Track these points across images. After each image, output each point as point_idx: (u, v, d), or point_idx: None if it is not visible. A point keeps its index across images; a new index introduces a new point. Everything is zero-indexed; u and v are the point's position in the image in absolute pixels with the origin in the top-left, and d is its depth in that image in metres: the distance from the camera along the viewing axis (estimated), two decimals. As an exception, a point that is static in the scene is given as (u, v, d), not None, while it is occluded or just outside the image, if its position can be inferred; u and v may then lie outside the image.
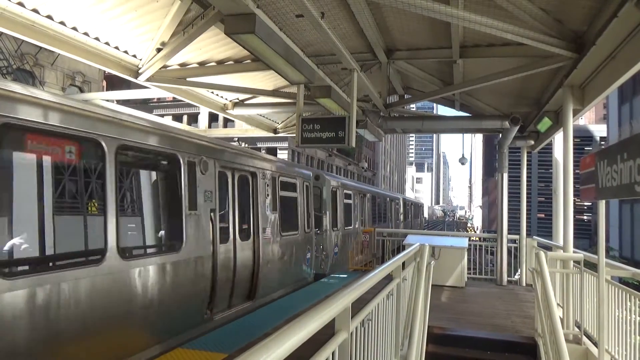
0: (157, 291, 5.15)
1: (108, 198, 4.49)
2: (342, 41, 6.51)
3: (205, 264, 6.12)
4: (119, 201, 4.72)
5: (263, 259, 7.56)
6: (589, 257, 6.33)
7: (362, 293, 2.57)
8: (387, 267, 3.61)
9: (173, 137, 5.80)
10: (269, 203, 8.01)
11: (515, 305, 8.46)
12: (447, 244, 10.25)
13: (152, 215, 6.00)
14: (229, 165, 6.95)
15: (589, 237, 43.55)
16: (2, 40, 20.03)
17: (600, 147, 21.79)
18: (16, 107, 3.76)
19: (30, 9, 5.54)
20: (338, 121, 7.40)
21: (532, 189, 48.25)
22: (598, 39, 5.04)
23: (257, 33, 4.74)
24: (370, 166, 64.37)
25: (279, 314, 6.76)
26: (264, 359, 1.36)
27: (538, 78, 7.80)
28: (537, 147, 10.67)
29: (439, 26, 6.70)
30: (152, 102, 35.04)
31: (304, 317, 1.82)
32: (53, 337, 3.91)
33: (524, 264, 10.65)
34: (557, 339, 4.24)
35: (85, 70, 25.00)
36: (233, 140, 21.17)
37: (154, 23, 6.58)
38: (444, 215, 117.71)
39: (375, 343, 3.18)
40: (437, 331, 6.54)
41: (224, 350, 5.15)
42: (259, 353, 1.37)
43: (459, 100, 10.27)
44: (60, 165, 4.39)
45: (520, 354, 6.18)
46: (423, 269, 4.92)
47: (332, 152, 45.20)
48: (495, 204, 55.64)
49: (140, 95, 9.31)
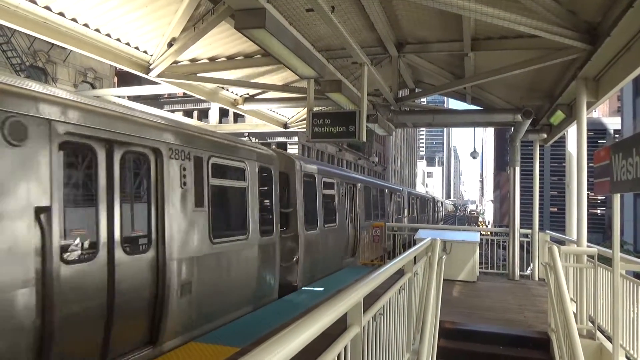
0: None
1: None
2: (352, 35, 6.48)
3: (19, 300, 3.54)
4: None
5: (174, 281, 5.08)
6: (603, 251, 6.26)
7: (374, 287, 2.57)
8: (399, 262, 3.61)
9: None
10: (189, 196, 5.46)
11: (528, 299, 8.40)
12: (458, 239, 10.20)
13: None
14: (97, 134, 4.30)
15: (602, 232, 43.08)
16: (15, 37, 20.26)
17: (615, 140, 21.49)
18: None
19: (42, 6, 5.59)
20: (348, 115, 7.38)
21: (545, 182, 47.84)
22: (613, 30, 4.96)
23: (267, 28, 4.73)
24: (381, 160, 64.21)
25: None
26: (278, 352, 1.37)
27: (551, 70, 7.70)
28: (549, 140, 10.55)
29: (450, 19, 6.63)
30: (162, 98, 35.28)
31: (316, 311, 1.83)
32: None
33: (536, 259, 10.57)
34: (571, 334, 4.21)
35: (97, 66, 25.23)
36: (243, 136, 21.16)
37: (164, 19, 6.61)
38: (455, 210, 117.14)
39: (387, 337, 3.18)
40: (449, 326, 6.52)
41: (237, 344, 5.19)
42: (273, 347, 1.38)
43: (471, 94, 10.18)
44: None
45: (532, 349, 6.14)
46: (434, 264, 4.90)
47: (342, 146, 45.14)
48: (506, 198, 55.19)
49: (152, 91, 9.36)
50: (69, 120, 4.00)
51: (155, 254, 4.95)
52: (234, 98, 10.25)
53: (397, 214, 21.18)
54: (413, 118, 10.56)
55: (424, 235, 9.48)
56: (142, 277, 4.79)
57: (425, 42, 7.90)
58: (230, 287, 6.33)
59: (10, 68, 19.93)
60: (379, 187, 17.92)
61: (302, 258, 8.95)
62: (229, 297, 6.27)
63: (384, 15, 6.70)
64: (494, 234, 12.34)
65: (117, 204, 4.45)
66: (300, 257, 8.91)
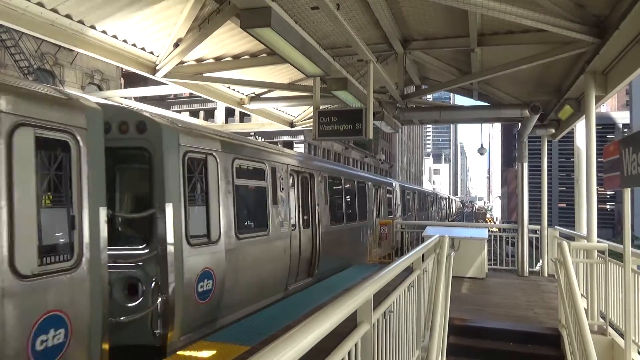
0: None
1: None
2: (357, 32, 6.46)
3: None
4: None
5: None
6: (614, 246, 6.20)
7: (383, 285, 2.57)
8: (408, 259, 3.59)
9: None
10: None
11: (537, 296, 8.35)
12: (466, 235, 10.16)
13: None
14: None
15: (612, 227, 42.77)
16: (23, 40, 20.41)
17: (624, 135, 21.27)
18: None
19: (49, 8, 5.62)
20: (355, 113, 7.37)
21: (553, 178, 47.55)
22: (622, 23, 4.90)
23: (273, 26, 4.73)
24: (387, 158, 64.07)
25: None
26: (288, 351, 1.37)
27: (559, 65, 7.63)
28: (558, 135, 10.47)
29: (456, 14, 6.60)
30: (169, 99, 35.43)
31: (326, 309, 1.83)
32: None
33: (545, 255, 10.51)
34: (582, 330, 4.18)
35: (104, 68, 25.36)
36: (250, 135, 21.18)
37: (170, 19, 6.63)
38: (462, 207, 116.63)
39: (396, 335, 3.17)
40: (458, 322, 6.49)
41: (247, 342, 5.20)
42: (283, 345, 1.37)
43: (477, 90, 10.12)
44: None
45: (543, 345, 6.10)
46: (443, 261, 4.88)
47: (348, 144, 45.09)
48: (514, 194, 54.93)
49: (158, 91, 9.40)
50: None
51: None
52: (240, 97, 10.26)
53: (389, 214, 16.69)
54: (419, 115, 10.52)
55: (432, 232, 9.45)
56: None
57: (431, 39, 7.86)
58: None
59: (19, 71, 20.09)
60: (360, 179, 13.25)
61: (187, 293, 5.50)
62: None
63: (389, 12, 6.68)
64: (502, 230, 12.28)
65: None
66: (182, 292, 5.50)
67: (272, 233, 7.42)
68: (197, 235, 5.53)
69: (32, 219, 3.45)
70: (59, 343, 3.58)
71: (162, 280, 4.97)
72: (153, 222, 5.04)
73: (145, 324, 4.91)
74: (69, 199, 3.79)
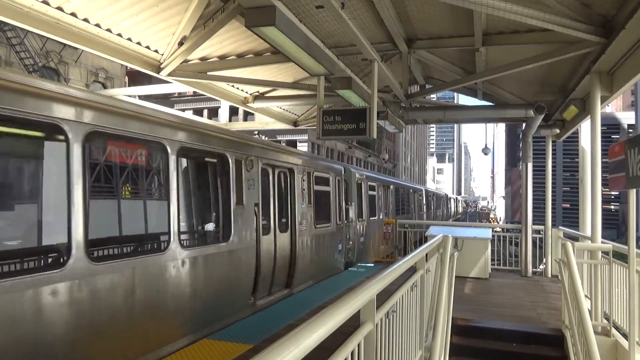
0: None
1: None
2: (362, 31, 6.46)
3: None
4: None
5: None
6: (618, 247, 6.18)
7: (386, 285, 2.56)
8: (411, 259, 3.59)
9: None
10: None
11: (541, 296, 8.33)
12: (470, 235, 10.14)
13: None
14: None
15: (616, 227, 42.57)
16: (28, 39, 20.49)
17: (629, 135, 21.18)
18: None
19: (54, 7, 5.64)
20: (359, 113, 7.35)
21: (557, 178, 47.31)
22: (628, 23, 4.87)
23: (277, 25, 4.73)
24: (391, 157, 64.00)
25: None
26: (292, 350, 1.37)
27: (564, 65, 7.59)
28: (562, 135, 10.42)
29: (461, 14, 6.58)
30: (173, 97, 35.49)
31: (330, 308, 1.83)
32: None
33: (549, 255, 10.47)
34: (586, 331, 4.16)
35: (108, 66, 25.43)
36: (254, 134, 21.21)
37: (174, 18, 6.64)
38: (466, 206, 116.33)
39: (399, 334, 3.17)
40: (462, 323, 6.49)
41: (250, 341, 5.21)
42: (287, 344, 1.37)
43: (482, 89, 10.09)
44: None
45: (546, 346, 6.09)
46: (446, 260, 4.87)
47: (352, 143, 45.02)
48: (518, 194, 54.74)
49: (163, 90, 9.41)
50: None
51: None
52: (244, 96, 10.27)
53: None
54: (424, 114, 10.50)
55: (436, 232, 9.44)
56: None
57: (435, 38, 7.83)
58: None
59: (24, 69, 20.16)
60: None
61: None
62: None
63: (394, 11, 6.66)
64: (505, 230, 12.24)
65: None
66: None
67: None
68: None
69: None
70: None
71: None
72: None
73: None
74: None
